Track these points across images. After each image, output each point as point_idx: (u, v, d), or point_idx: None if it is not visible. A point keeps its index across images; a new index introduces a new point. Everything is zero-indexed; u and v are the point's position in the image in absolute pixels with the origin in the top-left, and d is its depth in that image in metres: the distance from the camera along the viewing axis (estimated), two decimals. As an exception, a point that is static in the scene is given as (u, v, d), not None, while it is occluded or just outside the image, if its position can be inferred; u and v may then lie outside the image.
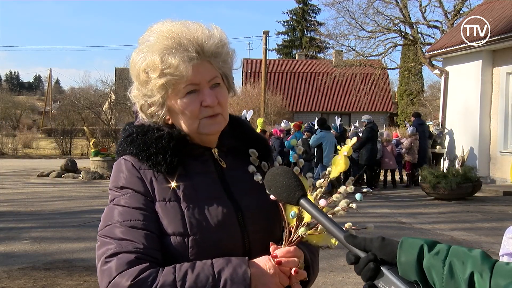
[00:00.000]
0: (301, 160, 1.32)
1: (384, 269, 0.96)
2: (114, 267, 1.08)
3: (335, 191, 1.17)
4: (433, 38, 21.99)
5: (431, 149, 14.15)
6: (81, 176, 14.87)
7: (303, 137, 11.94)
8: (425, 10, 22.26)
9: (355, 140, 1.23)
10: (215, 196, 1.22)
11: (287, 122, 14.61)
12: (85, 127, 20.01)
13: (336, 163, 1.20)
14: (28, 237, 6.82)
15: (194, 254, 1.14)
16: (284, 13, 52.83)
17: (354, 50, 23.15)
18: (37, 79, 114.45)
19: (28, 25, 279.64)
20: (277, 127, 14.60)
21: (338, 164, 1.20)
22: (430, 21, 22.47)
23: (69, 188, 12.63)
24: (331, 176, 1.21)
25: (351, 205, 1.16)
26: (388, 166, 13.38)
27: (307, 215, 1.15)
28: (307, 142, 11.42)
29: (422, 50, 20.46)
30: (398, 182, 13.97)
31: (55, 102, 51.27)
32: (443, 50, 14.47)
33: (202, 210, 1.18)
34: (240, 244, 1.20)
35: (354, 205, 1.16)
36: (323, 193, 1.18)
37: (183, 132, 1.24)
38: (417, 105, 33.16)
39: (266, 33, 27.05)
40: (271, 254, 1.16)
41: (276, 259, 1.14)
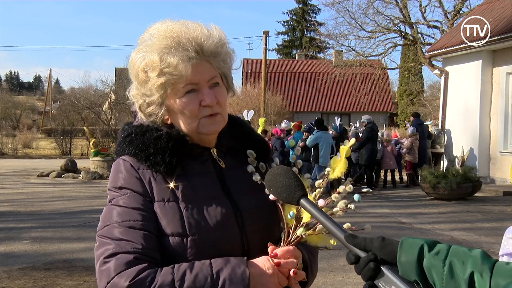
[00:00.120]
0: (299, 161, 1.32)
1: (384, 269, 0.95)
2: (113, 268, 1.08)
3: (334, 191, 1.17)
4: (433, 38, 22.03)
5: (430, 149, 14.17)
6: (81, 176, 14.89)
7: (302, 137, 11.94)
8: (425, 10, 22.33)
9: (353, 141, 1.24)
10: (214, 196, 1.22)
11: (288, 122, 14.60)
12: (85, 127, 20.00)
13: (336, 164, 1.20)
14: (28, 237, 6.82)
15: (193, 255, 1.14)
16: (284, 13, 52.88)
17: (354, 50, 23.21)
18: (37, 79, 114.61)
19: (28, 25, 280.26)
20: (277, 127, 14.59)
21: (337, 165, 1.20)
22: (430, 21, 22.53)
23: (69, 188, 12.63)
24: (330, 177, 1.21)
25: (349, 206, 1.16)
26: (388, 166, 13.39)
27: (306, 216, 1.15)
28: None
29: (422, 50, 20.48)
30: (398, 182, 13.98)
31: (55, 102, 51.33)
32: (443, 50, 14.48)
33: (201, 211, 1.18)
34: (239, 244, 1.20)
35: (352, 206, 1.16)
36: (322, 194, 1.18)
37: (182, 132, 1.24)
38: (417, 105, 33.17)
39: (266, 33, 27.04)
40: (270, 254, 1.16)
41: (275, 261, 1.14)
